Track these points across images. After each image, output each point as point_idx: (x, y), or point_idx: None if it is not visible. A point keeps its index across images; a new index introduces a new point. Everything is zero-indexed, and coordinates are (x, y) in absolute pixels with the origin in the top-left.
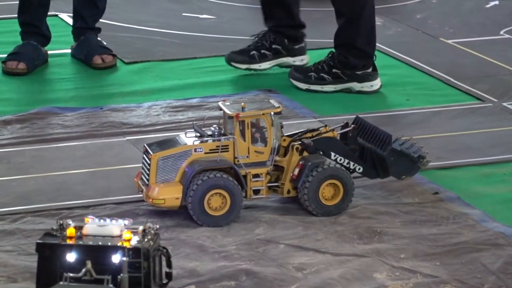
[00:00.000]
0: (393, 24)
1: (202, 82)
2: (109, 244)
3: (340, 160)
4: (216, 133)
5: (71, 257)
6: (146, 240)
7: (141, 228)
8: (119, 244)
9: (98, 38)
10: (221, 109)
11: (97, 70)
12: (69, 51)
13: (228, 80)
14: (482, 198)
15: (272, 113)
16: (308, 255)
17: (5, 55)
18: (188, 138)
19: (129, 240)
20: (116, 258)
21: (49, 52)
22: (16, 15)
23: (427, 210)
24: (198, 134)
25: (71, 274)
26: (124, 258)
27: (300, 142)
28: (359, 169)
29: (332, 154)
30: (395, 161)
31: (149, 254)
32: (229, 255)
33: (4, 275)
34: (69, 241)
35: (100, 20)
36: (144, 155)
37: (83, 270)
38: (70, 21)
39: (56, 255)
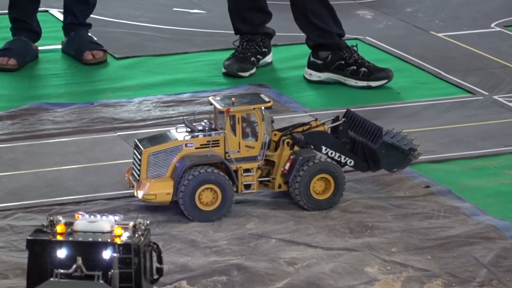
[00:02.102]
0: (383, 17)
1: (193, 77)
2: (100, 240)
3: (331, 154)
4: (207, 128)
5: (61, 253)
6: (136, 235)
7: (131, 223)
8: (110, 240)
9: (89, 34)
10: (211, 104)
11: (88, 66)
12: (59, 47)
13: (219, 75)
14: (473, 191)
15: (263, 107)
16: (300, 249)
17: None
18: (179, 133)
19: (119, 236)
20: (106, 254)
21: (39, 48)
22: (6, 11)
23: (418, 203)
24: (189, 129)
25: (61, 271)
26: (115, 254)
27: (291, 137)
28: (350, 162)
29: (323, 148)
30: (386, 154)
31: (140, 250)
32: (221, 250)
33: None
34: (59, 238)
35: (91, 15)
36: (135, 151)
37: (74, 266)
38: (60, 16)
39: (47, 252)
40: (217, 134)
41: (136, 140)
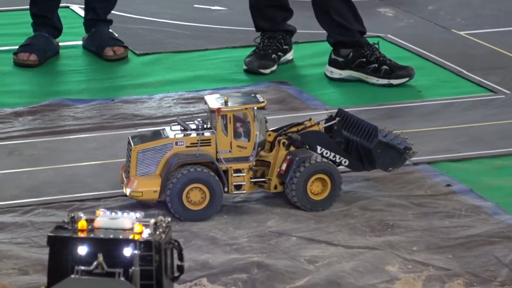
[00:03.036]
0: (405, 15)
1: (213, 74)
2: (121, 237)
3: (326, 153)
4: (200, 127)
5: (82, 250)
6: (157, 233)
7: (152, 221)
8: (131, 237)
9: (110, 30)
10: (206, 103)
11: (109, 62)
12: (80, 43)
13: (240, 72)
14: (494, 191)
15: (255, 108)
16: (320, 247)
17: (17, 47)
18: (172, 131)
19: (140, 233)
20: (127, 251)
21: (60, 43)
22: (28, 7)
23: (439, 202)
24: (182, 128)
25: (82, 267)
26: (136, 251)
27: (287, 137)
28: (345, 162)
29: (318, 148)
30: (381, 153)
31: (161, 247)
32: (241, 247)
33: (15, 267)
34: (80, 234)
35: (112, 12)
36: (128, 147)
37: (95, 263)
38: (81, 12)
39: (68, 248)
40: (207, 133)
41: (129, 137)
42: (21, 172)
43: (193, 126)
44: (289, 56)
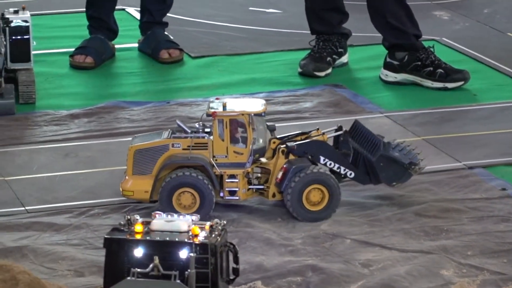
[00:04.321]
0: (460, 19)
1: (268, 77)
2: (177, 239)
3: (330, 164)
4: (200, 130)
5: (138, 252)
6: (213, 235)
7: (208, 223)
8: (187, 239)
9: (165, 33)
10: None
11: (164, 65)
12: (136, 45)
13: (295, 75)
14: None
15: (253, 114)
16: (375, 251)
17: (73, 49)
18: (174, 134)
19: (196, 236)
20: (183, 253)
21: (116, 46)
22: (84, 9)
23: (494, 206)
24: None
25: (138, 270)
26: (192, 254)
27: (285, 145)
28: (350, 174)
29: (321, 158)
30: (385, 167)
31: (216, 250)
32: (295, 250)
33: (71, 269)
34: (136, 237)
35: (168, 14)
36: None
37: (151, 265)
38: (137, 15)
39: (124, 250)
40: (201, 137)
41: (133, 136)
42: (77, 174)
43: (194, 129)
44: (344, 59)
